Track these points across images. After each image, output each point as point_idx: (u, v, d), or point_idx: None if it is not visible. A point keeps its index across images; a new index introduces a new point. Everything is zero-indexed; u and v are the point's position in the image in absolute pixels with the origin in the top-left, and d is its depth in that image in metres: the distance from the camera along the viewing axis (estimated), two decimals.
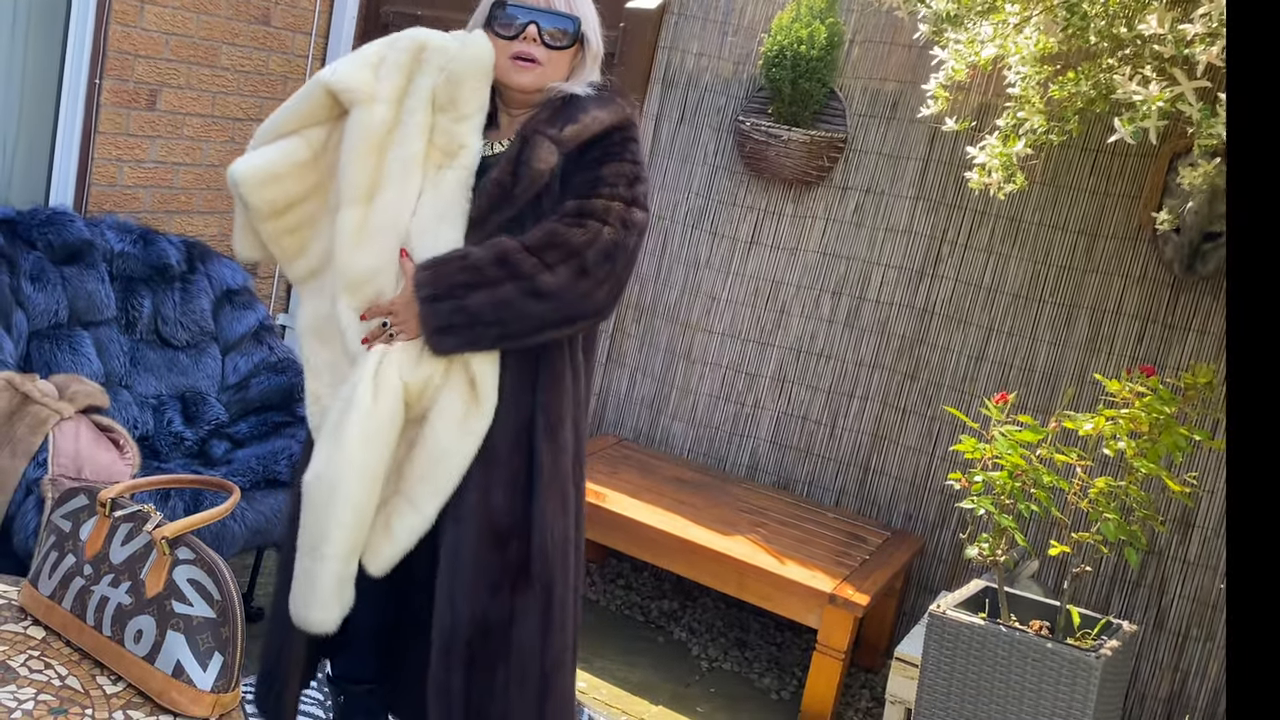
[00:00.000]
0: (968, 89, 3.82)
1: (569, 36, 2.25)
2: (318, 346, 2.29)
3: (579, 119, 2.21)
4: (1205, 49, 2.47)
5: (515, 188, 2.20)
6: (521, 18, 2.23)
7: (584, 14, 2.28)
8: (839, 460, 4.18)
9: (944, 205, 3.99)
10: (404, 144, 2.20)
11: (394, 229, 2.20)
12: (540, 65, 2.23)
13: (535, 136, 2.20)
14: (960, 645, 2.96)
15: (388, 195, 2.20)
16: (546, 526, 2.28)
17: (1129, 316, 3.71)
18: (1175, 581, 3.66)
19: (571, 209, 2.19)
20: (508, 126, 2.30)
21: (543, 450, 2.27)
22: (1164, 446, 2.83)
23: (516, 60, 2.23)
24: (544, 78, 2.25)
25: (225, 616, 1.91)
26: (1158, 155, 3.55)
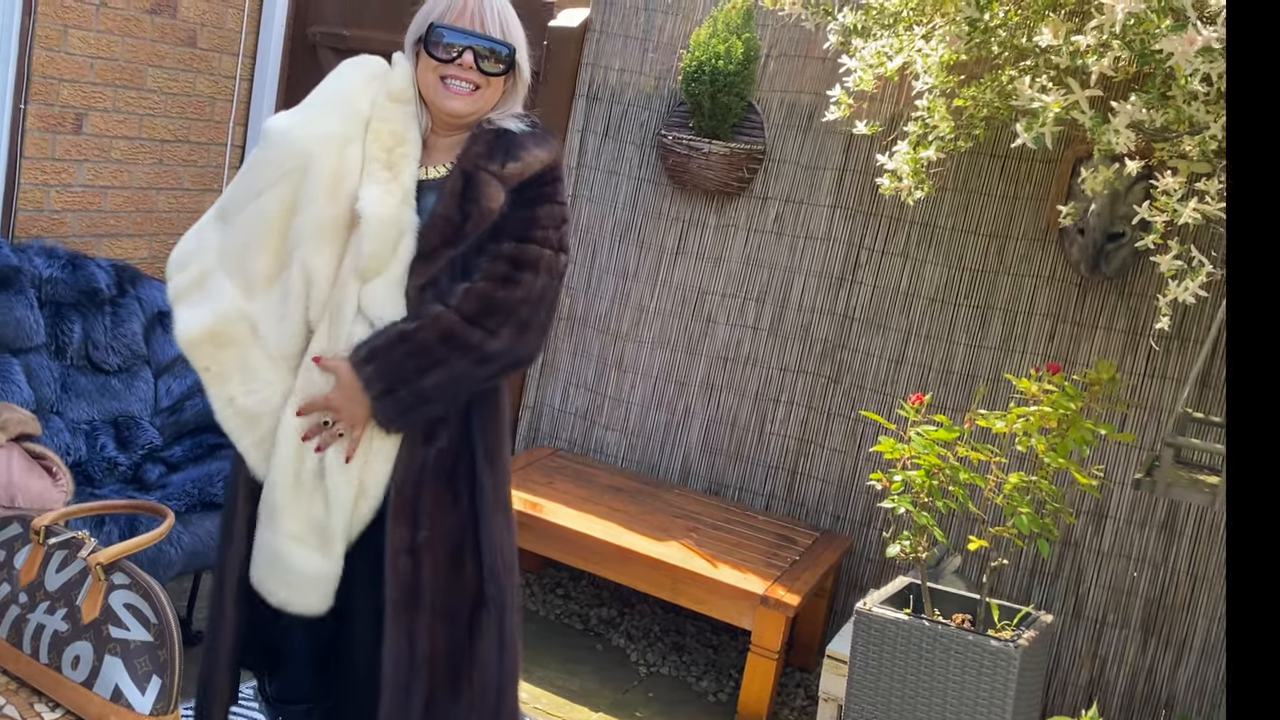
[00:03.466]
0: (879, 99, 3.91)
1: (504, 62, 2.25)
2: (215, 351, 2.23)
3: (521, 157, 2.24)
4: (1097, 60, 2.56)
5: (465, 224, 2.21)
6: (458, 43, 2.23)
7: (518, 40, 2.28)
8: (768, 464, 4.25)
9: (860, 213, 4.08)
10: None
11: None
12: (475, 91, 2.24)
13: (480, 174, 2.22)
14: (886, 641, 3.03)
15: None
16: (496, 548, 2.33)
17: (1040, 316, 3.83)
18: (1091, 571, 3.77)
19: (507, 256, 2.22)
20: (438, 150, 2.30)
21: (485, 474, 2.32)
22: (1072, 441, 2.93)
23: (448, 84, 2.24)
24: (478, 104, 2.26)
25: (162, 639, 1.93)
26: (1062, 160, 3.66)
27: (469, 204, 2.21)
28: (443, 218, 2.20)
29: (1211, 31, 2.28)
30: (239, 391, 2.23)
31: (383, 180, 2.19)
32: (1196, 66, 2.35)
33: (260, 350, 2.23)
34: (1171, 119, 2.64)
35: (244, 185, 2.25)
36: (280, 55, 4.76)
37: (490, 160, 2.23)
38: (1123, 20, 2.42)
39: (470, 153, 2.24)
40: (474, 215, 2.20)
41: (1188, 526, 3.65)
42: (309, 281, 2.19)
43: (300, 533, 2.22)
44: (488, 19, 2.23)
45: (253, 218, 2.22)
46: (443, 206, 2.21)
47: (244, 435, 2.26)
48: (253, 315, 2.22)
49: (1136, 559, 3.71)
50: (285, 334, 2.23)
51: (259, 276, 2.22)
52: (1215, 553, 3.62)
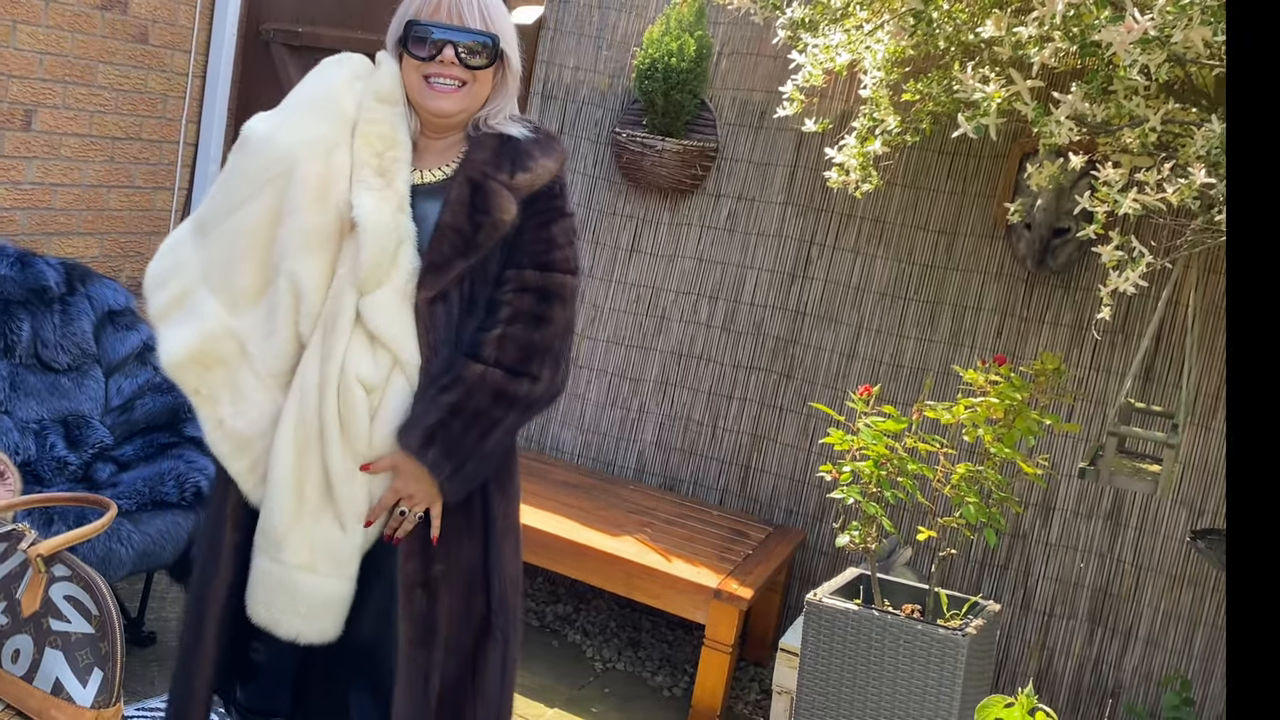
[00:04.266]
0: (829, 95, 3.93)
1: (488, 53, 2.13)
2: (203, 373, 2.11)
3: (530, 168, 2.15)
4: (1038, 51, 2.58)
5: (477, 235, 2.11)
6: (436, 37, 2.10)
7: (501, 29, 2.16)
8: (721, 459, 4.26)
9: (812, 209, 4.09)
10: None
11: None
12: (461, 87, 2.13)
13: (489, 183, 2.12)
14: (837, 631, 3.04)
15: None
16: (504, 575, 2.26)
17: (988, 311, 3.85)
18: (1039, 563, 3.80)
19: (533, 288, 2.14)
20: (430, 153, 2.20)
21: (496, 502, 2.25)
22: (1018, 432, 2.95)
23: (432, 83, 2.13)
24: (465, 101, 2.15)
25: (104, 632, 1.91)
26: (1008, 156, 3.69)
27: (479, 214, 2.11)
28: (452, 228, 2.10)
29: (1149, 20, 2.30)
30: (228, 413, 2.12)
31: (376, 186, 2.09)
32: (1135, 57, 2.36)
33: (249, 369, 2.12)
34: (1112, 113, 2.66)
35: (223, 195, 2.13)
36: (233, 52, 4.72)
37: (498, 169, 2.13)
38: (1063, 11, 2.43)
39: (475, 160, 2.14)
40: (485, 226, 2.11)
41: (1132, 517, 3.68)
42: (298, 294, 2.08)
43: (308, 561, 2.11)
44: (466, 10, 2.11)
45: (235, 229, 2.10)
46: (451, 216, 2.11)
47: (236, 459, 2.14)
48: (240, 332, 2.11)
49: (1083, 550, 3.73)
50: (274, 351, 2.12)
51: (244, 291, 2.11)
52: (1159, 543, 3.65)
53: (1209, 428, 3.58)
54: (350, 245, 2.08)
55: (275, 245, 2.09)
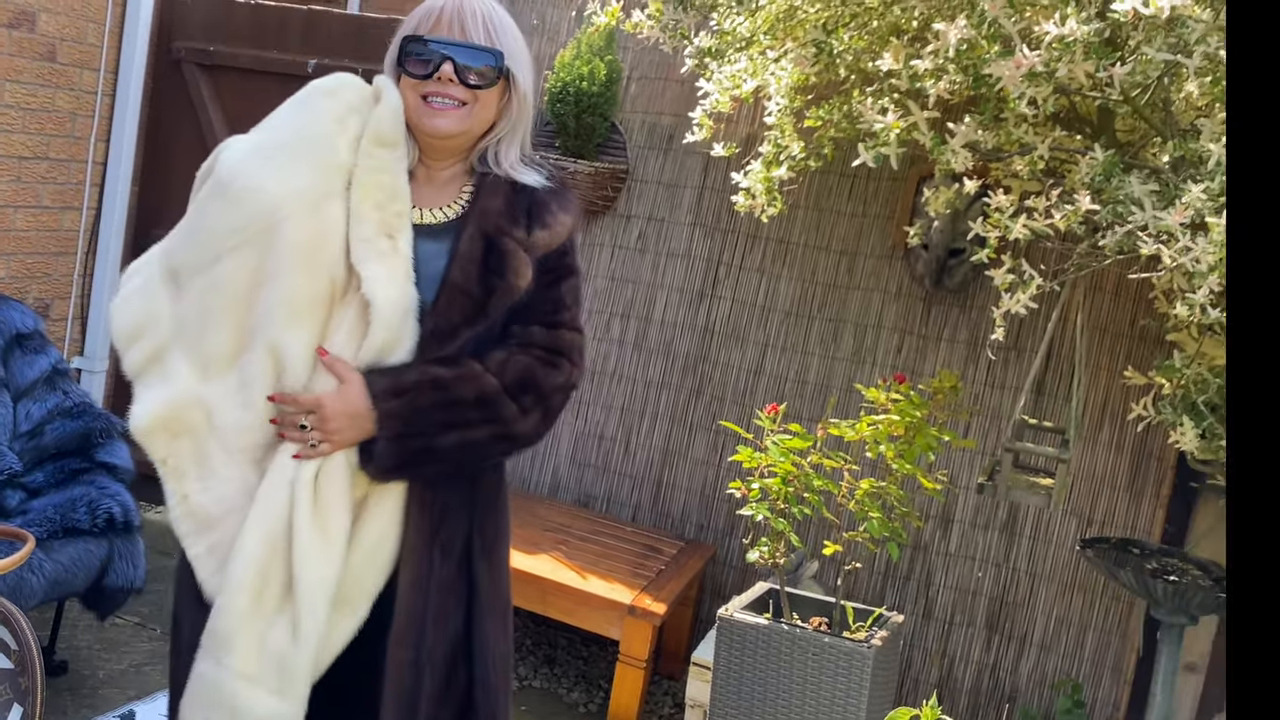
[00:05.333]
0: (736, 120, 3.99)
1: (491, 74, 1.90)
2: (170, 441, 1.87)
3: (549, 224, 1.95)
4: (934, 83, 2.65)
5: (489, 300, 1.89)
6: (435, 54, 1.88)
7: (508, 47, 1.92)
8: (634, 476, 4.29)
9: (719, 230, 4.15)
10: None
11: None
12: (461, 107, 1.90)
13: (504, 241, 1.90)
14: (748, 645, 3.08)
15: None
16: (489, 653, 2.03)
17: (888, 329, 3.94)
18: (940, 573, 3.88)
19: (543, 342, 1.95)
20: (430, 186, 1.96)
21: (482, 572, 2.02)
22: (918, 448, 3.02)
23: (430, 102, 1.89)
24: (466, 122, 1.91)
25: (24, 667, 1.87)
26: (907, 179, 3.78)
27: (493, 276, 1.89)
28: (463, 291, 1.88)
29: (1036, 56, 2.37)
30: (195, 489, 1.87)
31: (384, 251, 1.83)
32: (1023, 90, 2.44)
33: (217, 442, 1.87)
34: (1003, 140, 2.74)
35: (198, 242, 1.88)
36: (143, 70, 4.66)
37: (514, 224, 1.92)
38: (955, 45, 2.50)
39: (488, 211, 1.93)
40: (499, 291, 1.90)
41: (1026, 527, 3.78)
42: (279, 366, 1.83)
43: (253, 670, 1.81)
44: (469, 23, 1.89)
45: (211, 287, 1.85)
46: (461, 275, 1.88)
47: (197, 539, 1.87)
48: (208, 401, 1.86)
49: (980, 560, 3.83)
50: (247, 424, 1.86)
51: (216, 356, 1.87)
52: (1050, 551, 3.77)
53: (1096, 441, 3.70)
54: (345, 314, 1.85)
55: (255, 309, 1.84)
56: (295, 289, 1.82)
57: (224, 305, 1.85)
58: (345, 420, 1.83)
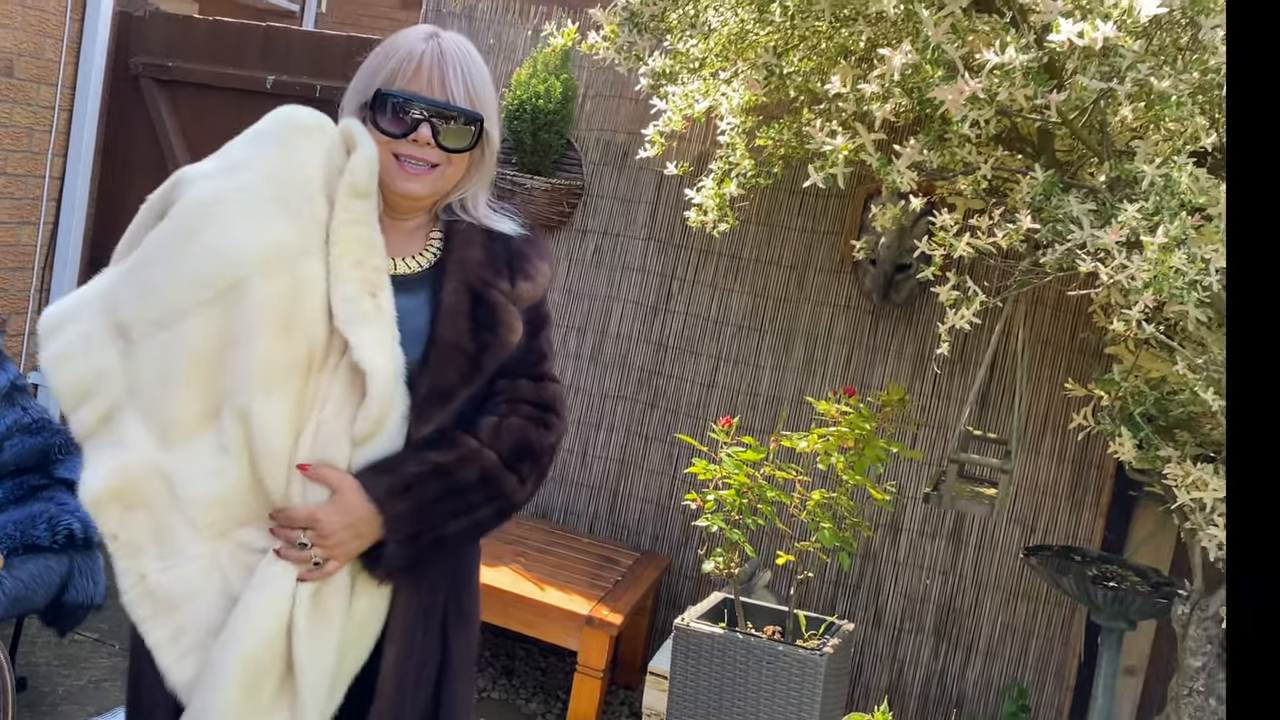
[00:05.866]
0: (688, 138, 4.05)
1: (470, 138, 1.76)
2: (123, 514, 1.67)
3: (531, 275, 1.85)
4: (880, 106, 2.71)
5: (483, 357, 1.78)
6: (413, 114, 1.73)
7: (486, 105, 1.79)
8: (591, 487, 4.32)
9: (673, 245, 4.21)
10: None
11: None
12: (435, 170, 1.76)
13: (491, 294, 1.79)
14: (703, 654, 3.12)
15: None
16: (455, 716, 1.93)
17: (838, 342, 4.01)
18: (889, 582, 3.95)
19: (531, 397, 1.85)
20: (396, 235, 1.80)
21: (456, 637, 1.92)
22: (867, 459, 3.08)
23: (404, 163, 1.75)
24: (437, 184, 1.78)
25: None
26: (855, 197, 3.85)
27: (484, 332, 1.78)
28: (456, 348, 1.75)
29: (977, 83, 2.44)
30: (154, 567, 1.67)
31: (369, 313, 1.68)
32: (966, 114, 2.51)
33: (181, 516, 1.67)
34: (948, 160, 2.81)
35: (157, 296, 1.67)
36: (101, 86, 4.66)
37: (498, 275, 1.81)
38: (899, 70, 2.57)
39: (467, 261, 1.80)
40: (492, 347, 1.78)
41: (972, 536, 3.86)
42: (250, 436, 1.65)
43: None
44: (451, 81, 1.74)
45: (172, 346, 1.66)
46: (452, 332, 1.76)
47: (157, 625, 1.67)
48: (170, 471, 1.67)
49: (928, 568, 3.90)
50: (219, 497, 1.68)
51: (179, 422, 1.67)
52: (995, 560, 3.85)
53: (1039, 451, 3.78)
54: (332, 384, 1.68)
55: (223, 373, 1.66)
56: (270, 353, 1.64)
57: (187, 368, 1.66)
58: (347, 532, 1.68)
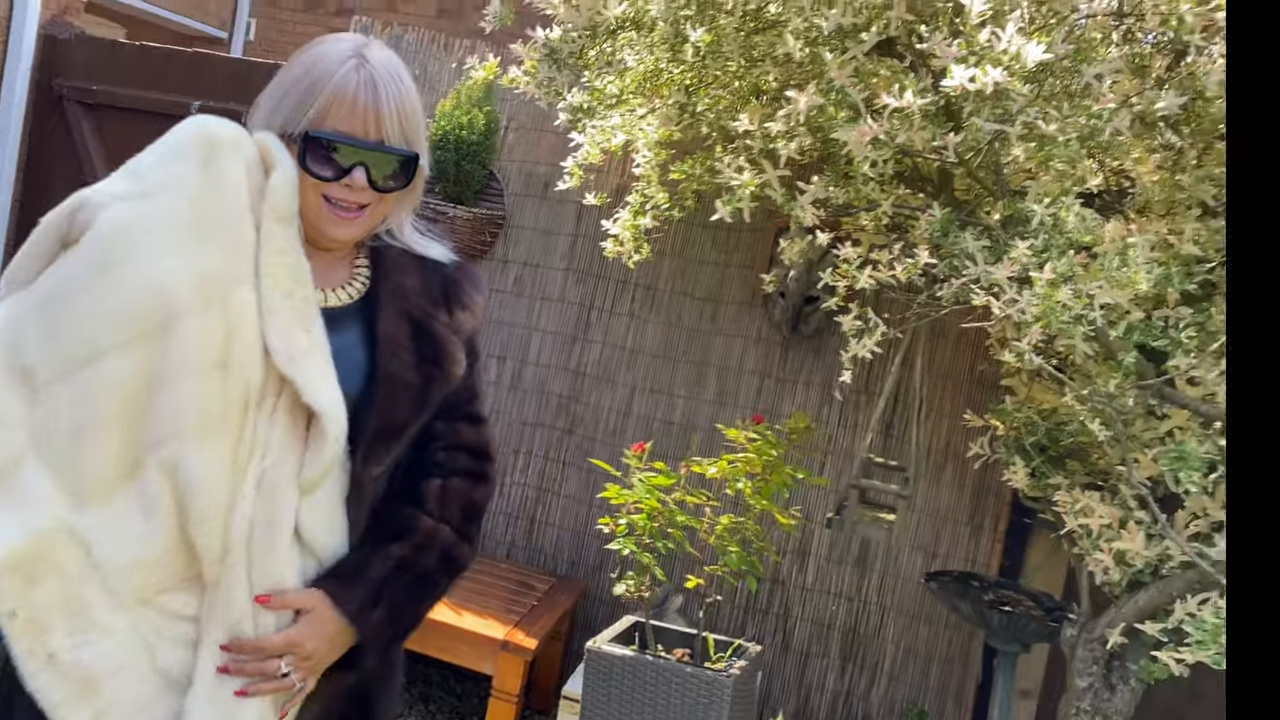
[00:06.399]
0: (607, 171, 4.12)
1: (406, 175, 1.62)
2: (25, 588, 1.45)
3: (468, 305, 1.74)
4: (785, 144, 2.80)
5: (429, 390, 1.65)
6: (347, 159, 1.57)
7: (420, 140, 1.65)
8: (509, 514, 4.35)
9: (591, 276, 4.28)
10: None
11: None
12: (364, 210, 1.62)
13: (433, 325, 1.68)
14: (614, 676, 3.16)
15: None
16: None
17: (749, 372, 4.10)
18: (797, 606, 4.03)
19: (468, 448, 1.74)
20: (316, 264, 1.61)
21: (380, 702, 1.78)
22: (774, 485, 3.15)
23: (334, 207, 1.60)
24: (368, 225, 1.65)
25: None
26: (765, 230, 3.94)
27: (429, 365, 1.65)
28: (403, 383, 1.62)
29: (879, 125, 2.53)
30: (65, 645, 1.45)
31: (306, 349, 1.54)
32: (867, 155, 2.60)
33: (98, 584, 1.47)
34: (852, 197, 2.90)
35: (67, 334, 1.47)
36: (23, 107, 4.63)
37: (436, 306, 1.69)
38: (805, 111, 2.66)
39: (404, 290, 1.68)
40: (438, 380, 1.66)
41: (876, 562, 3.95)
42: (183, 490, 1.47)
43: None
44: (386, 122, 1.58)
45: (88, 391, 1.46)
46: (397, 365, 1.63)
47: (75, 710, 1.46)
48: (85, 533, 1.47)
49: (835, 593, 3.98)
50: (143, 561, 1.49)
51: (96, 478, 1.47)
52: (899, 585, 3.94)
53: (940, 479, 3.88)
54: (271, 428, 1.52)
55: (148, 420, 1.47)
56: (204, 396, 1.47)
57: (105, 416, 1.46)
58: (326, 648, 1.57)
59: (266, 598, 1.51)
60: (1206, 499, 2.58)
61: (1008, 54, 2.31)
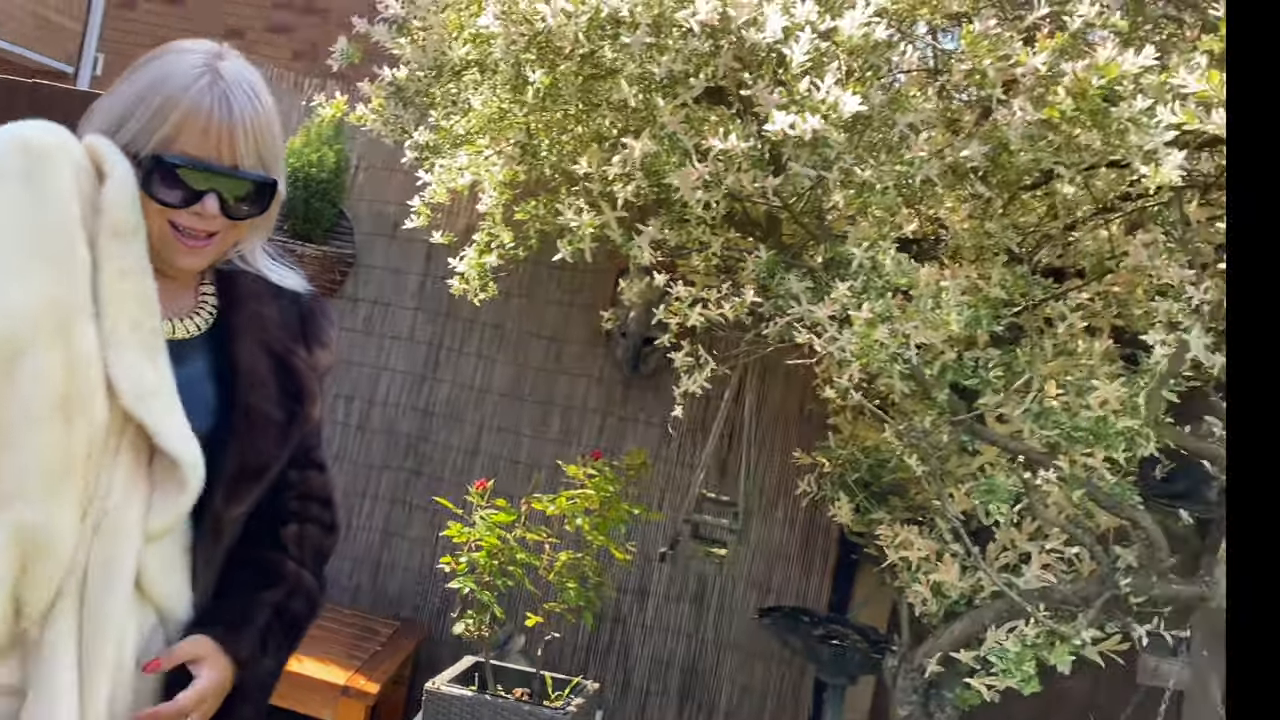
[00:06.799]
0: (455, 211, 4.15)
1: (261, 202, 1.49)
2: None
3: (325, 342, 1.65)
4: (623, 188, 2.87)
5: (291, 429, 1.55)
6: (198, 185, 1.43)
7: (278, 164, 1.52)
8: (354, 558, 4.30)
9: (440, 315, 4.30)
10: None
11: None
12: (214, 238, 1.48)
13: (294, 361, 1.57)
14: (453, 717, 3.14)
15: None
16: None
17: (592, 411, 4.16)
18: (637, 645, 4.07)
19: (320, 492, 1.68)
20: (163, 291, 1.45)
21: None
22: (611, 521, 3.19)
23: (181, 235, 1.46)
24: (217, 252, 1.52)
25: None
26: (608, 271, 4.01)
27: (290, 401, 1.55)
28: (266, 418, 1.51)
29: (705, 167, 2.61)
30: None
31: (155, 387, 1.40)
32: (699, 197, 2.67)
33: None
34: (684, 239, 2.98)
35: None
36: None
37: (295, 340, 1.59)
38: (640, 155, 2.72)
39: (263, 321, 1.57)
40: (299, 418, 1.56)
41: (713, 599, 4.02)
42: (32, 553, 1.32)
43: None
44: (241, 145, 1.44)
45: None
46: (260, 399, 1.51)
47: None
48: None
49: (674, 631, 4.03)
50: None
51: None
52: (734, 621, 4.01)
53: (772, 517, 3.98)
54: (115, 469, 1.38)
55: None
56: (51, 446, 1.32)
57: None
58: (220, 693, 1.50)
59: (156, 663, 1.42)
60: (1014, 531, 2.69)
61: (825, 103, 2.40)
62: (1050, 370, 2.52)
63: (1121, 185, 2.66)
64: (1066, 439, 2.36)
